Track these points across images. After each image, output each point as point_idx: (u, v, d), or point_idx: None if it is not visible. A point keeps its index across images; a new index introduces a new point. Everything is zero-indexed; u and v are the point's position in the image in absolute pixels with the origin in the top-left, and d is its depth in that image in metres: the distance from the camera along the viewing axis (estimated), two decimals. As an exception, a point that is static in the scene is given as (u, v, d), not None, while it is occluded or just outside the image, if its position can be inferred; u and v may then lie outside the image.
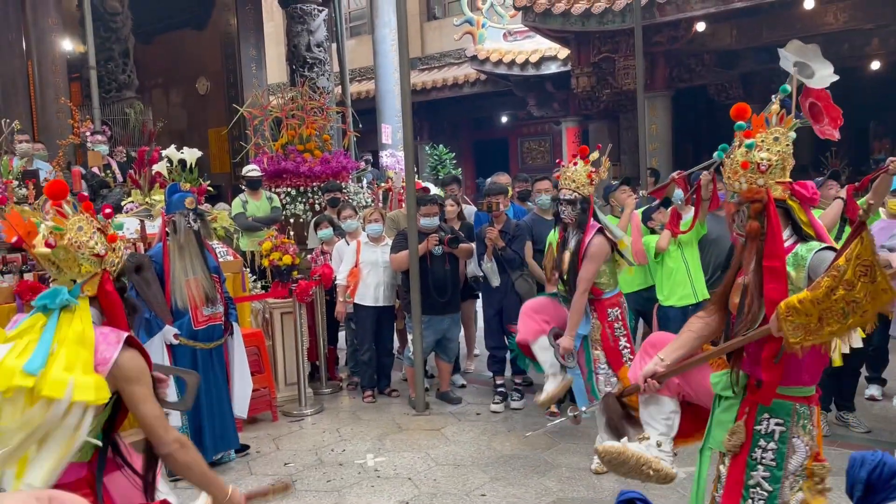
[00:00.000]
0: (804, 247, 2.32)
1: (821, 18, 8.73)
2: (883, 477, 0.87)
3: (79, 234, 2.06)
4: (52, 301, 2.01)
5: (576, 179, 4.19)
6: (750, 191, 2.33)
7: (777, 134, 2.35)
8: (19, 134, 7.10)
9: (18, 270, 4.89)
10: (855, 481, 0.89)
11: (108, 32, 10.52)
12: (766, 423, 2.34)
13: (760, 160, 2.31)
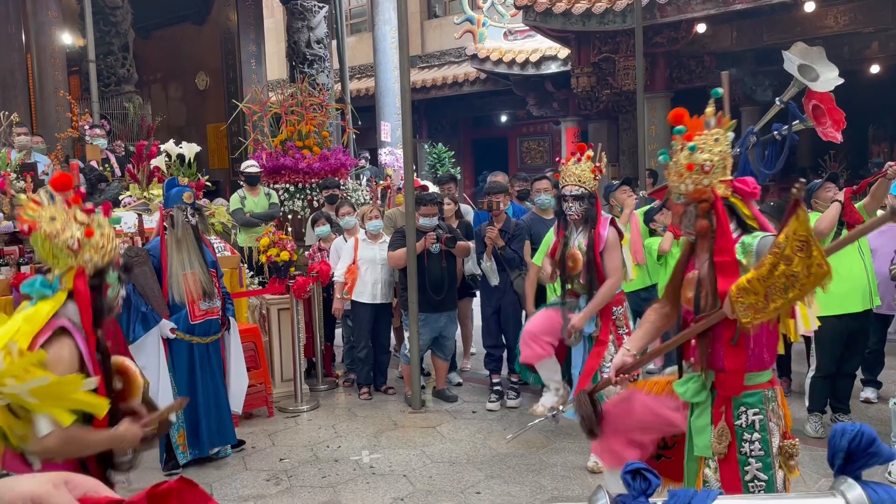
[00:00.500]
0: (749, 236, 2.42)
1: (821, 21, 8.73)
2: (861, 446, 0.94)
3: (51, 225, 2.03)
4: (30, 288, 2.01)
5: (580, 175, 4.16)
6: (697, 191, 2.42)
7: (717, 135, 2.44)
8: (18, 127, 7.08)
9: (16, 263, 4.89)
10: (836, 450, 0.96)
11: (108, 26, 10.51)
12: (744, 416, 2.42)
13: (704, 161, 2.39)
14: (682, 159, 2.42)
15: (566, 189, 4.20)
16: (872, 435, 0.95)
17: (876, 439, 0.96)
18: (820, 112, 3.66)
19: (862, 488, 0.89)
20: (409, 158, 5.77)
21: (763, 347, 2.41)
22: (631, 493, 0.92)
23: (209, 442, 4.58)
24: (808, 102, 3.74)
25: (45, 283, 2.02)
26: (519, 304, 5.65)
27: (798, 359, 5.81)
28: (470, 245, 5.83)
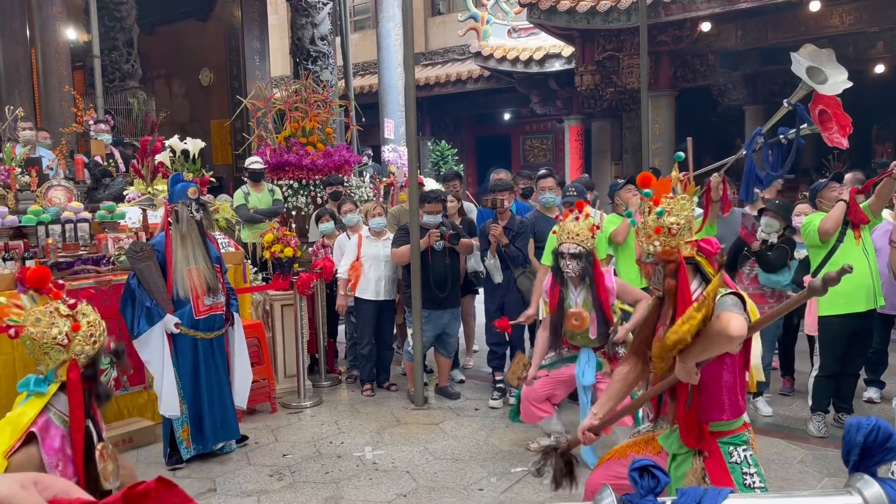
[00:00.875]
0: None
1: (826, 20, 8.71)
2: (878, 441, 0.91)
3: (37, 326, 2.07)
4: (26, 387, 2.07)
5: (579, 233, 4.09)
6: (665, 252, 2.53)
7: (683, 200, 2.55)
8: (23, 121, 7.09)
9: (21, 257, 4.90)
10: (852, 446, 0.93)
11: (113, 22, 10.52)
12: (736, 454, 2.55)
13: (671, 224, 2.51)
14: (651, 223, 2.54)
15: (564, 247, 4.14)
16: (889, 429, 0.93)
17: (893, 434, 0.94)
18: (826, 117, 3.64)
19: (880, 485, 0.85)
20: (413, 156, 5.78)
21: (737, 395, 2.56)
22: (639, 492, 0.90)
23: (213, 437, 4.59)
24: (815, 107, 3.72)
25: (39, 381, 2.08)
26: (522, 302, 5.64)
27: (801, 358, 5.80)
28: (473, 242, 5.83)
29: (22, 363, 4.55)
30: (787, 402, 5.53)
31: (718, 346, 2.30)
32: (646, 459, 0.94)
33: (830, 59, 3.56)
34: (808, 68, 3.72)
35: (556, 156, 15.85)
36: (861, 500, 0.85)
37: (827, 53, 3.63)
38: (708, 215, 4.48)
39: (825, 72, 3.59)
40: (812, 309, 4.94)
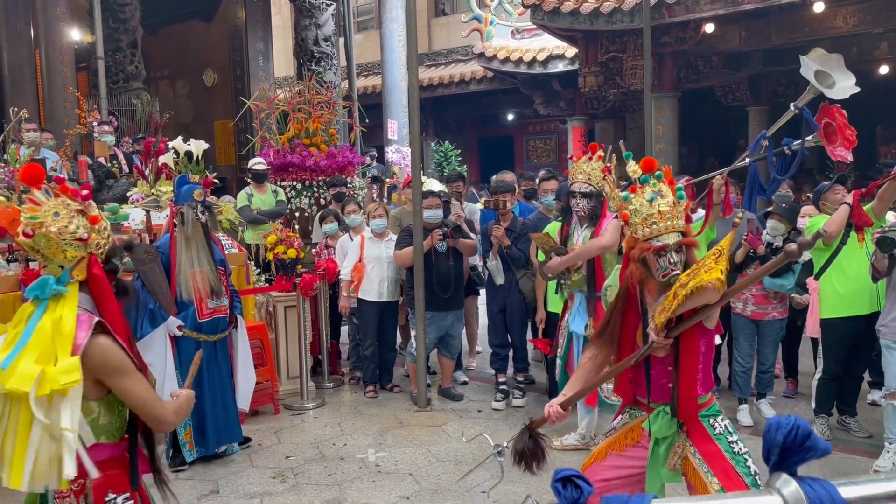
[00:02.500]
0: None
1: (830, 21, 8.70)
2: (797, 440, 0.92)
3: (56, 220, 1.99)
4: (42, 292, 1.96)
5: (591, 173, 4.21)
6: (688, 239, 2.58)
7: (663, 184, 2.59)
8: (27, 123, 7.10)
9: (24, 259, 4.91)
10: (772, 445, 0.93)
11: (117, 23, 10.54)
12: (718, 424, 2.60)
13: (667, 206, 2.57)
14: (662, 206, 2.57)
15: (575, 185, 4.27)
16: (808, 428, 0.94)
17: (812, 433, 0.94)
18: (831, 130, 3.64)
19: (798, 484, 0.85)
20: (416, 157, 5.78)
21: (709, 371, 2.64)
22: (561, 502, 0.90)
23: (216, 440, 4.60)
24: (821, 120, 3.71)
25: (57, 281, 1.98)
26: (525, 304, 5.65)
27: (805, 360, 5.79)
28: (475, 243, 5.83)
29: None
30: (791, 404, 5.52)
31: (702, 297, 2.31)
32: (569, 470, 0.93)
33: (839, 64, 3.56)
34: (816, 72, 3.71)
35: (560, 157, 15.85)
36: (780, 499, 0.85)
37: (836, 58, 3.63)
38: (709, 218, 4.48)
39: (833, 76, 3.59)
40: (815, 311, 4.93)
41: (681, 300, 2.31)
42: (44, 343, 1.89)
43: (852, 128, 3.75)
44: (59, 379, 1.84)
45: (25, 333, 1.91)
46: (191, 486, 4.29)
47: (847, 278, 4.65)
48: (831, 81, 3.46)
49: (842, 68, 3.58)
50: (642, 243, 2.53)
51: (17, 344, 1.89)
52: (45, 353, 1.88)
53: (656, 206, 2.53)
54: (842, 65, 3.65)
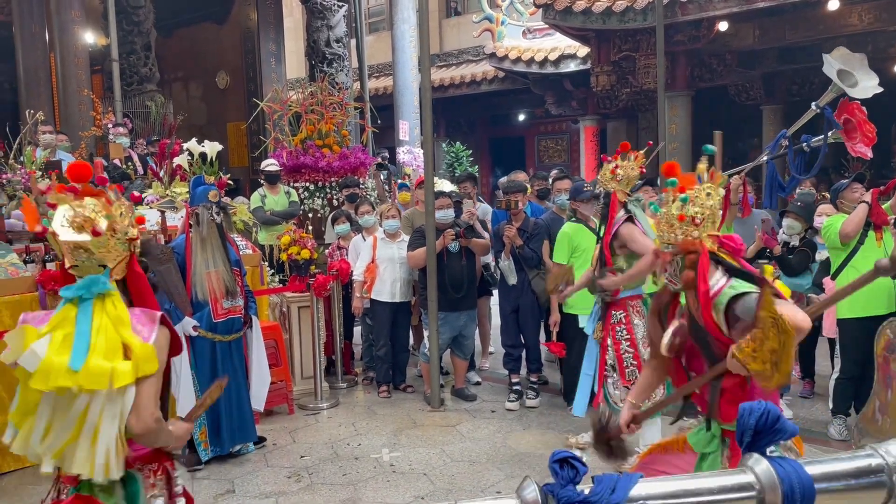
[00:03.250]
0: (728, 288, 2.42)
1: (845, 19, 8.62)
2: (768, 423, 0.99)
3: (121, 220, 2.04)
4: (89, 291, 1.96)
5: (603, 174, 4.28)
6: (686, 242, 2.47)
7: (708, 189, 2.49)
8: (43, 125, 7.16)
9: (41, 260, 4.95)
10: (745, 428, 1.00)
11: (131, 26, 10.60)
12: None
13: (694, 214, 2.46)
14: (674, 210, 2.49)
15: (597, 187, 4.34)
16: (777, 412, 1.00)
17: (780, 416, 1.00)
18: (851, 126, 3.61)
19: (769, 462, 0.91)
20: (429, 157, 5.78)
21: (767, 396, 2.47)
22: (559, 482, 0.94)
23: (230, 439, 4.62)
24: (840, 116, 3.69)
25: (101, 280, 1.99)
26: (537, 304, 5.64)
27: (821, 361, 5.75)
28: (488, 242, 5.83)
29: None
30: (808, 404, 5.48)
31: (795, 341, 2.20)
32: (565, 451, 0.97)
33: (862, 64, 3.53)
34: (838, 71, 3.69)
35: (572, 156, 15.80)
36: (753, 477, 0.91)
37: (860, 58, 3.60)
38: (725, 217, 4.46)
39: (856, 75, 3.56)
40: (832, 311, 4.89)
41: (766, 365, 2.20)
42: (109, 340, 1.94)
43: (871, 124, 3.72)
44: (142, 367, 1.93)
45: (82, 333, 1.93)
46: (207, 485, 4.31)
47: (864, 278, 4.61)
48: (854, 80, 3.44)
49: (865, 68, 3.56)
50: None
51: (77, 344, 1.91)
52: (112, 350, 1.93)
53: (683, 210, 2.50)
54: (865, 64, 3.63)
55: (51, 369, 1.87)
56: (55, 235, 2.02)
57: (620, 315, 4.37)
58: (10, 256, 4.78)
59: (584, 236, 5.20)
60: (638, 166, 4.25)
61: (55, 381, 1.86)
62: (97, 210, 2.02)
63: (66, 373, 1.86)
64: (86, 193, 2.05)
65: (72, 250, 2.03)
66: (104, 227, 2.00)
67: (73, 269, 2.05)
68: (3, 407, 4.48)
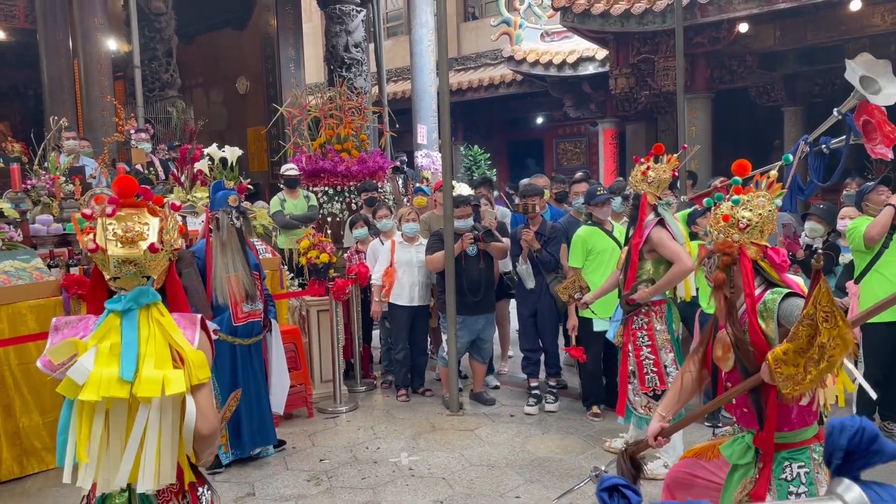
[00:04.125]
0: (770, 294, 2.39)
1: (867, 20, 8.52)
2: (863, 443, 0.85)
3: (172, 233, 2.07)
4: (137, 302, 1.98)
5: (634, 176, 4.27)
6: (723, 243, 2.45)
7: (762, 197, 2.45)
8: (66, 131, 7.27)
9: (65, 264, 5.02)
10: (834, 448, 0.87)
11: (153, 32, 10.73)
12: (789, 469, 2.39)
13: (741, 217, 2.42)
14: (724, 209, 2.47)
15: None
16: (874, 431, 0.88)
17: (878, 435, 0.88)
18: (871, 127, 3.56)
19: (862, 489, 0.82)
20: (448, 162, 5.78)
21: (806, 410, 2.42)
22: None
23: (251, 442, 4.65)
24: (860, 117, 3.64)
25: (150, 291, 2.01)
26: (555, 307, 5.62)
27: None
28: (506, 246, 5.82)
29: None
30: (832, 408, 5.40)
31: None
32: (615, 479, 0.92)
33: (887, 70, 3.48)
34: (861, 77, 3.64)
35: (590, 159, 15.75)
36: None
37: (884, 64, 3.55)
38: None
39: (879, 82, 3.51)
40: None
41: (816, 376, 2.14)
42: (159, 349, 1.95)
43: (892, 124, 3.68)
44: (196, 374, 1.95)
45: (129, 343, 1.93)
46: (227, 488, 4.34)
47: (888, 282, 4.54)
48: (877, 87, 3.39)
49: (889, 75, 3.50)
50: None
51: (126, 354, 1.91)
52: (161, 358, 1.94)
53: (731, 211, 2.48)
54: (889, 71, 3.57)
55: (101, 380, 1.86)
56: (102, 250, 1.98)
57: (643, 321, 4.34)
58: (35, 261, 4.85)
59: (598, 239, 5.19)
60: (670, 169, 4.19)
61: (107, 390, 1.86)
62: (146, 223, 2.02)
63: (118, 383, 1.86)
64: (130, 206, 2.05)
65: (119, 264, 2.00)
66: (157, 240, 2.00)
67: (115, 280, 2.03)
68: (27, 409, 4.55)
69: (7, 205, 5.17)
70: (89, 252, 1.98)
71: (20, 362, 4.52)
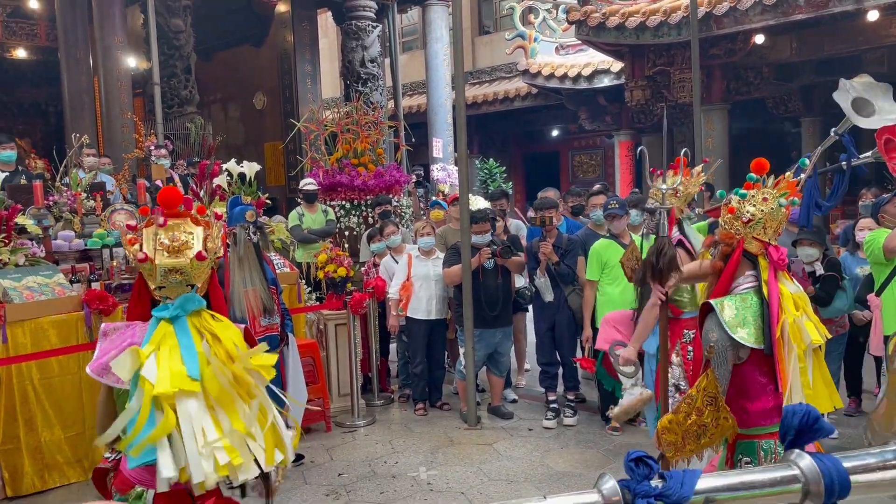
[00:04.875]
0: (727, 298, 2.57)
1: (885, 30, 8.47)
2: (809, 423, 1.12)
3: (216, 241, 2.11)
4: (184, 310, 2.04)
5: (654, 193, 4.13)
6: (726, 234, 2.62)
7: (766, 195, 2.56)
8: (87, 148, 7.36)
9: (87, 279, 5.08)
10: (788, 428, 1.13)
11: (172, 50, 10.84)
12: (740, 463, 2.57)
13: (745, 211, 2.56)
14: (732, 202, 2.61)
15: (648, 202, 4.38)
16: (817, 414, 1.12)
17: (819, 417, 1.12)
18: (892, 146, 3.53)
19: (811, 458, 1.02)
20: (464, 175, 5.80)
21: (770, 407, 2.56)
22: (635, 478, 1.03)
23: (269, 456, 4.64)
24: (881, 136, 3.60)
25: (196, 298, 2.07)
26: (573, 321, 5.60)
27: (868, 379, 5.60)
28: (523, 260, 5.82)
29: (87, 383, 4.70)
30: (854, 422, 5.34)
31: None
32: (639, 451, 1.06)
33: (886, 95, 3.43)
34: (855, 98, 3.61)
35: (606, 171, 15.72)
36: (798, 470, 1.02)
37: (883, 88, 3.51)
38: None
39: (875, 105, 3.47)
40: (878, 328, 4.77)
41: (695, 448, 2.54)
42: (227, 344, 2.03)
43: None
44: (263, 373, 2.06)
45: (187, 346, 2.00)
46: (244, 502, 4.33)
47: (910, 294, 4.49)
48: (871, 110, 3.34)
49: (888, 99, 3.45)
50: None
51: (187, 355, 1.98)
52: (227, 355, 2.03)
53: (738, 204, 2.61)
54: (889, 95, 3.52)
55: (172, 376, 1.94)
56: (150, 260, 2.04)
57: (692, 334, 4.24)
58: (57, 276, 4.91)
59: (614, 253, 5.16)
60: (698, 183, 4.16)
61: (180, 383, 1.93)
62: (191, 233, 2.07)
63: (188, 379, 1.94)
64: (174, 216, 2.11)
65: (166, 273, 2.05)
66: (202, 248, 2.05)
67: (160, 290, 2.08)
68: (49, 423, 4.59)
69: (30, 221, 5.24)
70: (138, 262, 2.02)
71: (42, 377, 4.56)
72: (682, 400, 2.48)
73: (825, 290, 4.96)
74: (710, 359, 2.46)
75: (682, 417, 2.45)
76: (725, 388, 2.46)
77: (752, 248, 2.56)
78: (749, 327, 2.47)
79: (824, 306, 4.97)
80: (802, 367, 2.46)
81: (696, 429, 2.42)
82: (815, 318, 2.56)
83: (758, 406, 2.53)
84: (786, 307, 2.49)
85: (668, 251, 3.01)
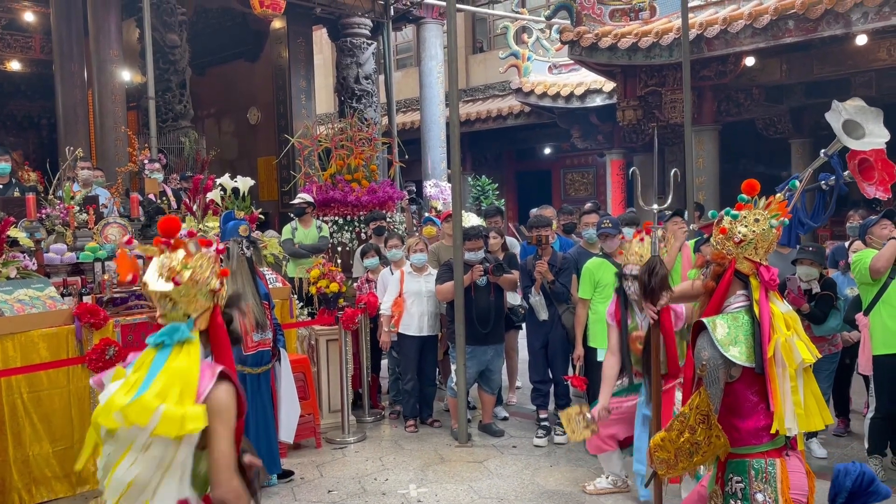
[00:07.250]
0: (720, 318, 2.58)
1: (873, 54, 8.59)
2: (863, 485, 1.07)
3: (202, 272, 2.09)
4: (170, 338, 2.03)
5: (643, 255, 3.96)
6: (717, 254, 2.64)
7: (758, 216, 2.60)
8: (81, 161, 7.36)
9: (78, 293, 5.06)
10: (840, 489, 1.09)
11: (167, 64, 10.90)
12: (731, 483, 2.55)
13: (737, 232, 2.58)
14: (724, 223, 2.63)
15: (627, 268, 4.10)
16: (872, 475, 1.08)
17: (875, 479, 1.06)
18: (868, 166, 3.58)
19: None
20: (457, 192, 5.83)
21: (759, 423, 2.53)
22: None
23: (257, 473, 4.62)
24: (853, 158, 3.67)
25: (182, 328, 2.04)
26: (567, 339, 5.61)
27: (856, 399, 5.64)
28: (516, 278, 5.84)
29: (76, 397, 4.68)
30: (843, 443, 5.37)
31: None
32: None
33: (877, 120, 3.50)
34: (846, 121, 3.67)
35: (598, 190, 15.82)
36: None
37: (875, 113, 3.57)
38: None
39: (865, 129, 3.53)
40: (866, 348, 4.81)
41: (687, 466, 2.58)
42: (168, 383, 1.97)
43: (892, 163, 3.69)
44: (186, 425, 1.92)
45: (149, 376, 1.98)
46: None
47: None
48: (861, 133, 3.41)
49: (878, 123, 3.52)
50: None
51: (141, 386, 1.96)
52: (166, 392, 1.95)
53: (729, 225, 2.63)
54: (879, 120, 3.59)
55: (111, 406, 1.93)
56: (146, 285, 2.08)
57: None
58: (49, 289, 4.90)
59: (606, 272, 5.18)
60: None
61: (105, 419, 1.92)
62: (183, 261, 2.07)
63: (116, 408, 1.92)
64: (169, 245, 2.11)
65: (159, 299, 2.08)
66: (186, 277, 2.04)
67: (161, 318, 2.10)
68: (38, 437, 4.56)
69: (22, 233, 5.24)
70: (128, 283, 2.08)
71: (31, 391, 4.53)
72: (675, 418, 2.50)
73: (820, 308, 5.01)
74: (702, 377, 2.48)
75: (674, 435, 2.47)
76: (718, 406, 2.47)
77: (743, 268, 2.58)
78: (741, 346, 2.49)
79: (819, 324, 5.02)
80: (793, 386, 2.47)
81: (688, 447, 2.44)
82: (805, 338, 2.58)
83: (749, 425, 2.52)
84: (777, 326, 2.51)
85: (660, 270, 3.04)
